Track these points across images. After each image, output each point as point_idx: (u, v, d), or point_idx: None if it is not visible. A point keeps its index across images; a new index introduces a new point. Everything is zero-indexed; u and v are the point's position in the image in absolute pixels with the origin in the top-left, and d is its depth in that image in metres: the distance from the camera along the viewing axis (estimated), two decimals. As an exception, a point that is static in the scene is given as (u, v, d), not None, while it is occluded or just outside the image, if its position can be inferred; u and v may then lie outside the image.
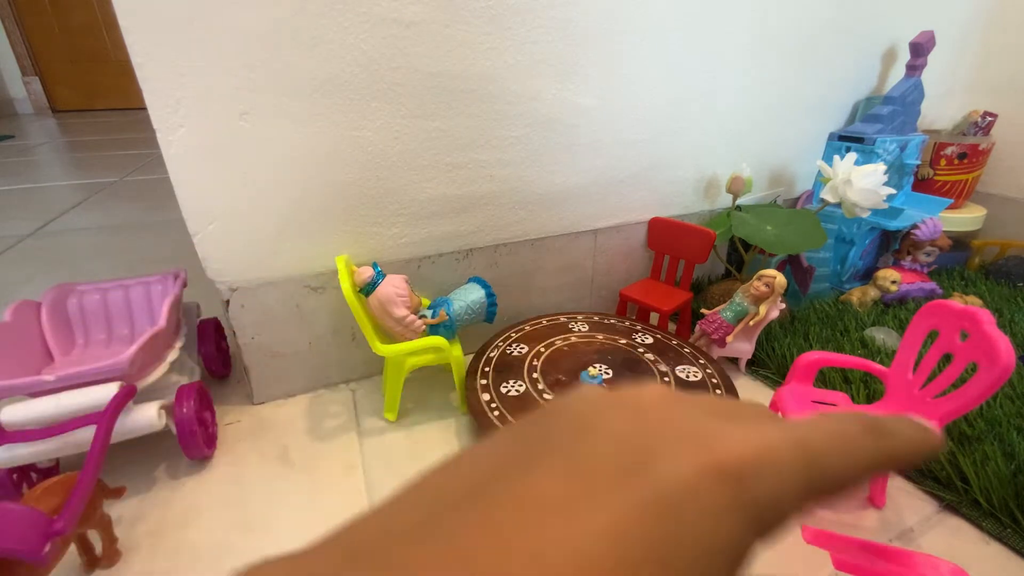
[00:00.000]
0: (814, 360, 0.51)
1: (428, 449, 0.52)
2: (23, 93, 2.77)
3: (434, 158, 0.57)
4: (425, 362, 0.54)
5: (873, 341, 0.65)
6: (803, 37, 0.77)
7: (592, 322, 0.66)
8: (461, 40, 0.52)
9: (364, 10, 0.47)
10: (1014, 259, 0.87)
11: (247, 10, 0.44)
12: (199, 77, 0.44)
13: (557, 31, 0.57)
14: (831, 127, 0.90)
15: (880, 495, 0.45)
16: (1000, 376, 0.36)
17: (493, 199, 0.62)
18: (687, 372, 0.56)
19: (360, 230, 0.56)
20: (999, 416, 0.51)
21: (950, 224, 0.91)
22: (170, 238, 1.07)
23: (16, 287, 0.86)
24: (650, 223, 0.75)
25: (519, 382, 0.54)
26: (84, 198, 1.37)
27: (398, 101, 0.52)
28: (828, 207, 0.71)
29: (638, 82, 0.65)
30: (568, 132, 0.63)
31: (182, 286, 0.55)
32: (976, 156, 0.92)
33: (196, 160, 0.47)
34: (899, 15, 0.87)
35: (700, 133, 0.74)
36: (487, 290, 0.57)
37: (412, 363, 0.54)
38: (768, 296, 0.59)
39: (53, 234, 1.11)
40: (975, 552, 0.42)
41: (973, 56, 1.01)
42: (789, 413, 0.47)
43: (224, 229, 0.50)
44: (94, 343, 0.55)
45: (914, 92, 0.83)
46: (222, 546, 0.42)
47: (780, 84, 0.79)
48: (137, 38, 0.41)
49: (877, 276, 0.77)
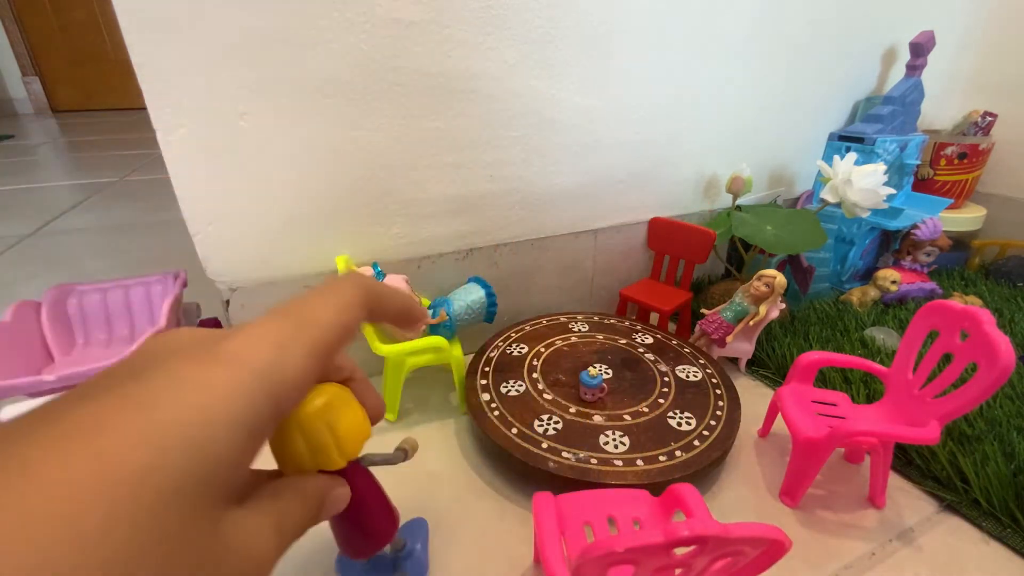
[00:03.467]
0: (814, 360, 0.51)
1: (428, 449, 0.52)
2: (23, 93, 2.77)
3: (434, 158, 0.57)
4: (425, 362, 0.55)
5: (873, 341, 0.65)
6: (803, 37, 0.77)
7: (592, 322, 0.66)
8: (461, 40, 0.52)
9: (364, 10, 0.47)
10: (1014, 259, 0.87)
11: (247, 10, 0.44)
12: (199, 77, 0.44)
13: (557, 31, 0.57)
14: (831, 127, 0.90)
15: (880, 495, 0.45)
16: (1000, 376, 0.36)
17: (493, 199, 0.62)
18: (687, 372, 0.56)
19: (360, 230, 0.56)
20: (999, 416, 0.51)
21: (950, 224, 0.91)
22: (170, 238, 1.07)
23: (16, 287, 0.86)
24: (650, 223, 0.75)
25: (519, 382, 0.54)
26: (84, 198, 1.37)
27: (398, 101, 0.52)
28: (828, 207, 0.71)
29: (638, 82, 0.65)
30: (568, 132, 0.63)
31: (182, 286, 0.55)
32: (976, 156, 0.92)
33: (196, 160, 0.47)
34: (899, 15, 0.88)
35: (700, 133, 0.74)
36: (487, 290, 0.57)
37: (412, 363, 0.54)
38: (768, 296, 0.59)
39: (53, 234, 1.11)
40: (975, 552, 0.42)
41: (973, 56, 1.01)
42: (789, 413, 0.47)
43: (224, 229, 0.50)
44: (94, 343, 0.55)
45: (914, 92, 0.83)
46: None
47: (780, 84, 0.79)
48: (137, 38, 0.41)
49: (877, 276, 0.77)
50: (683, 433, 0.47)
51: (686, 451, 0.45)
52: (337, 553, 0.38)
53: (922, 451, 0.49)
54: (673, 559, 0.26)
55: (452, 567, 0.40)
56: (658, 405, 0.51)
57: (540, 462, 0.44)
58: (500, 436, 0.47)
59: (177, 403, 0.14)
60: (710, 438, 0.47)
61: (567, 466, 0.43)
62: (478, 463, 0.50)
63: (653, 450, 0.45)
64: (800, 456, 0.45)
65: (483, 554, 0.41)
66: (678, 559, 0.26)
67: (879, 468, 0.45)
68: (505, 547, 0.41)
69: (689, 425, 0.48)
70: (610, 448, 0.45)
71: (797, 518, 0.44)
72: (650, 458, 0.44)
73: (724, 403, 0.52)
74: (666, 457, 0.45)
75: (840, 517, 0.44)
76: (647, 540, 0.24)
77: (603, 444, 0.46)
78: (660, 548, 0.24)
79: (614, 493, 0.38)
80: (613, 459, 0.44)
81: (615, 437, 0.47)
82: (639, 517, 0.36)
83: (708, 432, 0.48)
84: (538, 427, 0.48)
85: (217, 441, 0.14)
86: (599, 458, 0.44)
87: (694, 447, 0.46)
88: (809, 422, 0.45)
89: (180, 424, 0.14)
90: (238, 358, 0.16)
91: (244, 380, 0.15)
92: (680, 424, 0.49)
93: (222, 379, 0.15)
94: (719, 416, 0.50)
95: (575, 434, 0.47)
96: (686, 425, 0.48)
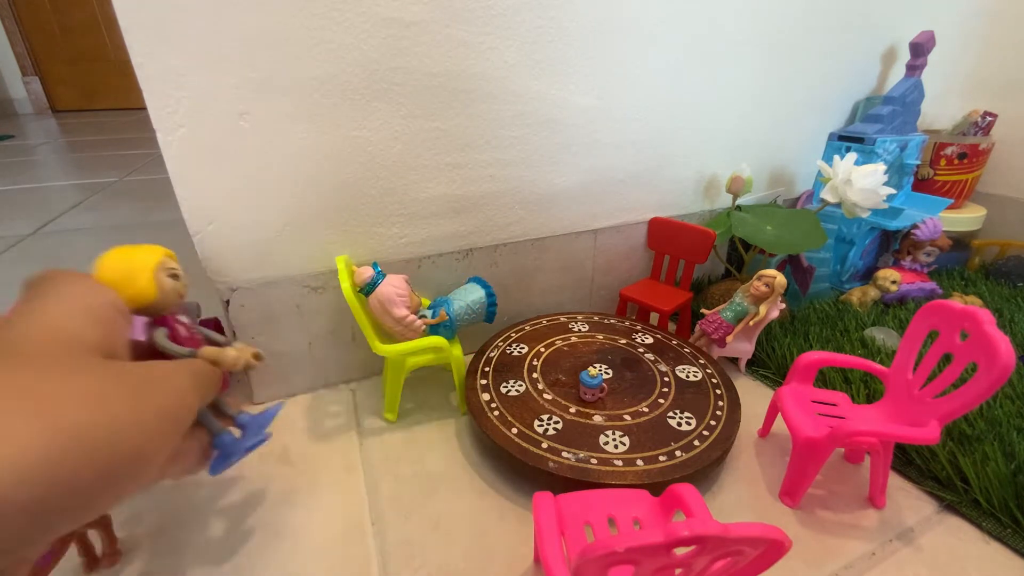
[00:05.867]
0: (814, 360, 0.51)
1: (428, 449, 0.52)
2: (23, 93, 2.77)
3: (434, 158, 0.57)
4: (425, 362, 0.55)
5: (873, 341, 0.65)
6: (803, 37, 0.77)
7: (592, 322, 0.66)
8: (461, 40, 0.52)
9: (364, 10, 0.47)
10: (1014, 259, 0.87)
11: (247, 10, 0.44)
12: (199, 77, 0.44)
13: (557, 31, 0.57)
14: (831, 127, 0.90)
15: (880, 495, 0.45)
16: (1000, 376, 0.36)
17: (493, 199, 0.62)
18: (687, 372, 0.56)
19: (360, 230, 0.56)
20: (999, 416, 0.51)
21: (950, 224, 0.91)
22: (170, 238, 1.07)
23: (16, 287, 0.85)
24: (650, 223, 0.75)
25: (519, 382, 0.54)
26: (84, 198, 1.37)
27: (398, 101, 0.52)
28: (828, 207, 0.71)
29: (638, 82, 0.65)
30: (568, 132, 0.63)
31: (182, 286, 0.55)
32: (976, 156, 0.92)
33: (196, 160, 0.47)
34: (899, 15, 0.88)
35: (700, 133, 0.74)
36: (487, 290, 0.57)
37: (412, 363, 0.54)
38: (768, 296, 0.59)
39: (53, 234, 1.11)
40: (975, 552, 0.42)
41: (973, 56, 1.01)
42: (789, 413, 0.47)
43: (224, 229, 0.50)
44: (94, 343, 0.54)
45: (914, 92, 0.83)
46: (223, 546, 0.42)
47: (780, 84, 0.79)
48: (137, 38, 0.41)
49: (877, 276, 0.77)
50: (683, 433, 0.47)
51: (686, 451, 0.45)
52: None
53: (922, 451, 0.49)
54: (673, 559, 0.26)
55: (452, 567, 0.40)
56: (658, 405, 0.51)
57: (540, 462, 0.44)
58: (500, 436, 0.47)
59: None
60: (710, 438, 0.47)
61: (567, 466, 0.43)
62: (478, 463, 0.50)
63: (653, 450, 0.45)
64: (800, 456, 0.45)
65: (483, 554, 0.41)
66: (678, 559, 0.26)
67: (879, 468, 0.45)
68: (505, 547, 0.41)
69: (689, 425, 0.48)
70: (610, 448, 0.45)
71: (797, 518, 0.44)
72: (650, 458, 0.44)
73: (724, 403, 0.52)
74: (666, 457, 0.45)
75: (840, 517, 0.44)
76: (647, 540, 0.24)
77: (603, 444, 0.46)
78: (660, 548, 0.24)
79: (614, 493, 0.38)
80: (613, 459, 0.44)
81: (615, 437, 0.47)
82: (639, 517, 0.36)
83: (708, 432, 0.48)
84: (538, 427, 0.48)
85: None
86: (599, 458, 0.44)
87: (694, 447, 0.46)
88: (809, 422, 0.45)
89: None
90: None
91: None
92: (680, 424, 0.49)
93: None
94: (719, 416, 0.50)
95: (575, 434, 0.47)
96: (686, 425, 0.48)
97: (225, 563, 0.40)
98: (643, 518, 0.36)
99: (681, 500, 0.35)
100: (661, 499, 0.37)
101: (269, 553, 0.41)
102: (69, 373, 0.21)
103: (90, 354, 0.23)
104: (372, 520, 0.44)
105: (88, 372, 0.21)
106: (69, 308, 0.25)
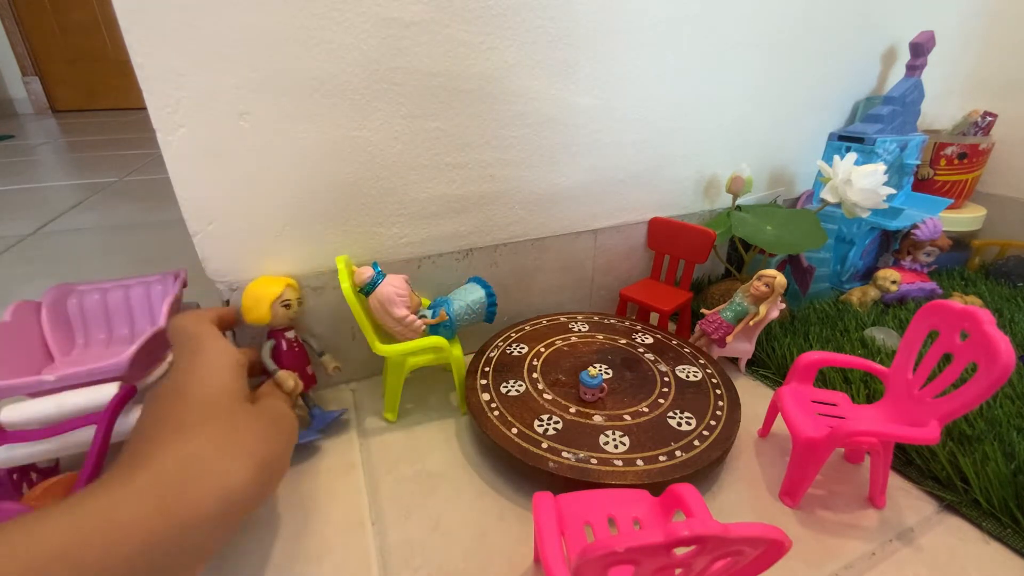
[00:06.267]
0: (814, 360, 0.51)
1: (428, 449, 0.52)
2: (23, 93, 2.77)
3: (434, 158, 0.57)
4: (425, 362, 0.54)
5: (873, 341, 0.65)
6: (803, 37, 0.77)
7: (592, 322, 0.66)
8: (461, 40, 0.52)
9: (364, 10, 0.47)
10: (1014, 259, 0.87)
11: (247, 10, 0.44)
12: (199, 77, 0.44)
13: (557, 31, 0.57)
14: (831, 127, 0.90)
15: (880, 495, 0.45)
16: (1000, 376, 0.36)
17: (493, 199, 0.62)
18: (687, 372, 0.56)
19: (360, 230, 0.56)
20: (999, 416, 0.51)
21: (950, 224, 0.91)
22: (170, 238, 1.07)
23: (16, 287, 0.86)
24: (650, 223, 0.75)
25: (519, 382, 0.54)
26: (84, 198, 1.37)
27: (398, 101, 0.52)
28: (828, 207, 0.71)
29: (638, 82, 0.65)
30: (568, 132, 0.63)
31: (182, 286, 0.55)
32: (976, 156, 0.92)
33: (196, 160, 0.47)
34: (899, 15, 0.88)
35: (700, 133, 0.74)
36: (487, 290, 0.57)
37: (412, 363, 0.54)
38: (768, 296, 0.59)
39: (53, 234, 1.11)
40: (975, 552, 0.42)
41: (973, 56, 1.01)
42: (789, 413, 0.47)
43: (224, 229, 0.50)
44: (94, 343, 0.55)
45: (914, 92, 0.83)
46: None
47: (780, 84, 0.79)
48: (137, 38, 0.41)
49: (877, 276, 0.77)
50: (683, 433, 0.47)
51: (686, 451, 0.45)
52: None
53: (922, 451, 0.49)
54: (673, 559, 0.26)
55: (452, 567, 0.40)
56: (658, 405, 0.51)
57: (540, 462, 0.44)
58: (500, 436, 0.47)
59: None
60: (710, 438, 0.47)
61: (567, 466, 0.43)
62: (478, 463, 0.50)
63: (653, 450, 0.45)
64: (800, 456, 0.45)
65: (483, 554, 0.41)
66: (678, 559, 0.26)
67: (879, 468, 0.45)
68: (505, 547, 0.41)
69: (689, 425, 0.48)
70: (610, 448, 0.45)
71: (797, 518, 0.44)
72: (650, 458, 0.44)
73: (724, 403, 0.52)
74: (666, 457, 0.45)
75: (840, 517, 0.44)
76: (647, 540, 0.24)
77: (603, 444, 0.46)
78: (660, 548, 0.24)
79: (614, 493, 0.38)
80: (613, 459, 0.44)
81: (615, 437, 0.47)
82: (639, 517, 0.36)
83: (708, 432, 0.48)
84: (538, 427, 0.48)
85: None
86: (599, 458, 0.44)
87: (694, 447, 0.46)
88: (809, 422, 0.45)
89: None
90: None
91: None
92: (680, 424, 0.49)
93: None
94: (719, 416, 0.50)
95: (575, 434, 0.47)
96: (686, 425, 0.48)
97: (224, 563, 0.40)
98: (643, 518, 0.36)
99: (681, 500, 0.35)
100: (661, 499, 0.37)
101: (268, 553, 0.41)
102: (248, 420, 0.33)
103: (244, 401, 0.35)
104: (372, 520, 0.44)
105: (255, 418, 0.34)
106: (221, 366, 0.35)
